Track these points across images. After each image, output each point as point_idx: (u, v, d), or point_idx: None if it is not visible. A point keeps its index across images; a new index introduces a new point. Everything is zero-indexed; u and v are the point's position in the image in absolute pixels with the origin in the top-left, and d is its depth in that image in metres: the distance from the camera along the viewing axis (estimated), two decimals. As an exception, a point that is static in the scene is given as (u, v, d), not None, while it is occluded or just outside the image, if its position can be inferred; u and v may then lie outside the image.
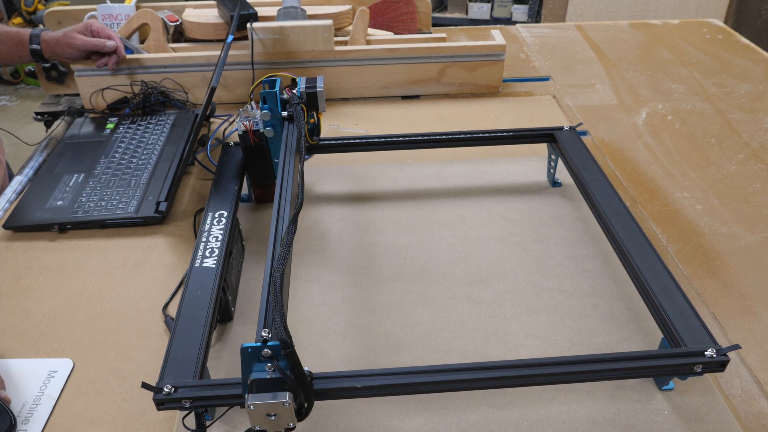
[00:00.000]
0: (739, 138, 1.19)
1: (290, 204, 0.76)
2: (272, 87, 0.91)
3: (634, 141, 1.18)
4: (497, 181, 1.07)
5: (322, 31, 1.24)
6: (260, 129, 0.90)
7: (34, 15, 3.34)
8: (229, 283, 0.80)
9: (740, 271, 0.88)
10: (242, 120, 0.90)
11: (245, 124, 0.90)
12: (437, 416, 0.69)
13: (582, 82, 1.41)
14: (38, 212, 0.97)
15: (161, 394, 0.60)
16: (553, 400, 0.70)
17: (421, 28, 1.49)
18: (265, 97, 0.89)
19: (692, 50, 1.56)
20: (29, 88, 3.49)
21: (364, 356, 0.76)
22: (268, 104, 0.90)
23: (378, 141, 1.04)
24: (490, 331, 0.79)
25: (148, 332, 0.79)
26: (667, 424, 0.67)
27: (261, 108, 0.90)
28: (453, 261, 0.90)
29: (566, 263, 0.89)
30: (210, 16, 1.35)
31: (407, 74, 1.32)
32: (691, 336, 0.67)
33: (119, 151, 1.10)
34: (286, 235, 0.65)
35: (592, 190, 0.90)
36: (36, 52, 1.19)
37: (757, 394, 0.71)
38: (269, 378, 0.57)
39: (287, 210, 0.74)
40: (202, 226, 0.85)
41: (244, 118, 0.90)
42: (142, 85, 1.24)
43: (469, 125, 1.24)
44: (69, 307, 0.83)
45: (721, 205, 1.01)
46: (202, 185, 1.07)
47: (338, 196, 1.04)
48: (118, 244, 0.93)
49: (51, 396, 0.71)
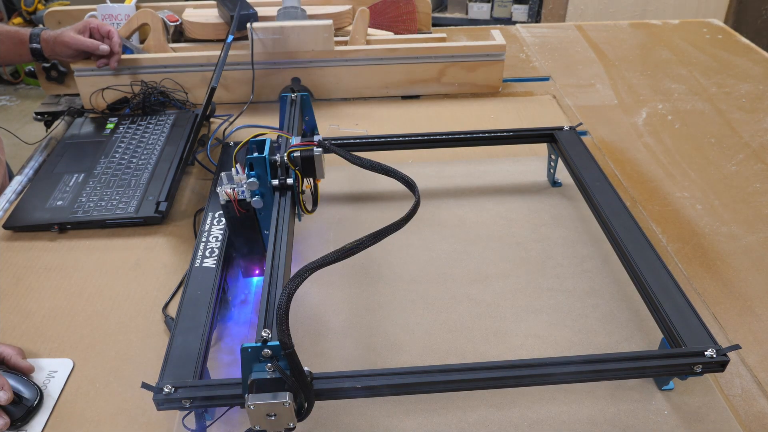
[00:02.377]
0: (739, 138, 1.19)
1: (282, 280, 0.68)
2: (260, 149, 0.78)
3: (634, 141, 1.18)
4: (497, 181, 1.07)
5: (322, 31, 1.24)
6: (246, 198, 0.77)
7: (34, 15, 3.34)
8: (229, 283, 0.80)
9: (740, 271, 0.88)
10: (224, 187, 0.76)
11: (227, 193, 0.76)
12: (437, 416, 0.69)
13: (582, 82, 1.41)
14: (38, 212, 0.97)
15: (161, 394, 0.60)
16: (553, 400, 0.70)
17: (421, 28, 1.49)
18: (252, 162, 0.76)
19: (692, 50, 1.56)
20: (29, 88, 3.49)
21: (364, 356, 0.76)
22: (256, 171, 0.77)
23: (378, 141, 1.04)
24: (490, 331, 0.79)
25: (148, 332, 0.79)
26: (667, 424, 0.67)
27: (247, 175, 0.77)
28: (453, 261, 0.90)
29: (566, 263, 0.89)
30: (210, 16, 1.35)
31: (407, 74, 1.32)
32: (691, 336, 0.67)
33: (119, 151, 1.10)
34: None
35: (592, 190, 0.90)
36: (36, 51, 1.19)
37: (757, 394, 0.71)
38: (269, 378, 0.57)
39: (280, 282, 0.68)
40: (202, 226, 0.85)
41: (227, 184, 0.77)
42: (142, 85, 1.24)
43: (469, 125, 1.24)
44: (69, 307, 0.83)
45: (721, 205, 1.01)
46: (202, 185, 1.07)
47: (338, 196, 1.04)
48: (118, 244, 0.94)
49: (51, 396, 0.71)
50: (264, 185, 0.78)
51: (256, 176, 0.77)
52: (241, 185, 0.77)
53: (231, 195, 0.76)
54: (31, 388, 0.69)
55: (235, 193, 0.76)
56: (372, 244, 0.59)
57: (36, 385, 0.70)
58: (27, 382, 0.70)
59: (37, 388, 0.70)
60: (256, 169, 0.77)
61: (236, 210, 0.77)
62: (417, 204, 0.67)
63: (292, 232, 0.77)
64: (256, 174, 0.77)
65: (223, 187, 0.76)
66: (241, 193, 0.76)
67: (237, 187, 0.76)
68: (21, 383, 0.69)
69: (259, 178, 0.77)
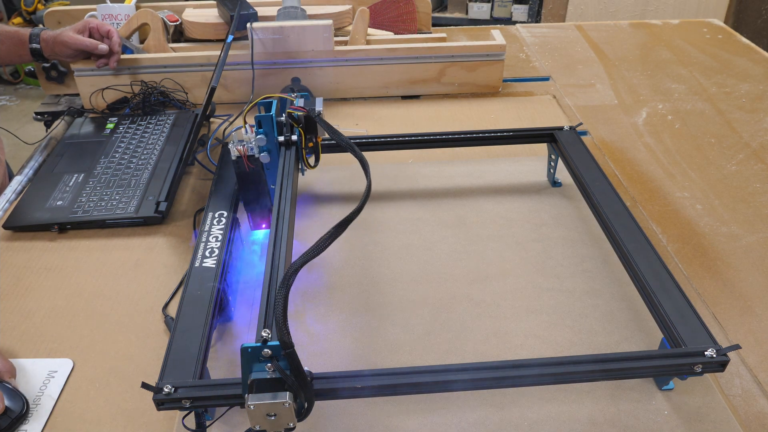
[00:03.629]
0: (739, 138, 1.19)
1: (287, 231, 0.73)
2: (268, 109, 0.86)
3: (634, 141, 1.18)
4: (497, 181, 1.07)
5: (322, 31, 1.24)
6: (255, 154, 0.85)
7: (34, 15, 3.34)
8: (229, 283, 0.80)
9: (740, 271, 0.88)
10: (236, 145, 0.85)
11: (239, 149, 0.84)
12: (437, 416, 0.69)
13: (582, 82, 1.41)
14: (38, 212, 0.97)
15: (161, 394, 0.60)
16: (553, 400, 0.70)
17: (421, 28, 1.49)
18: (261, 120, 0.84)
19: (692, 50, 1.56)
20: (29, 88, 3.49)
21: (364, 356, 0.76)
22: (264, 128, 0.85)
23: (378, 141, 1.04)
24: (490, 331, 0.79)
25: (148, 332, 0.79)
26: (667, 424, 0.67)
27: (256, 132, 0.85)
28: (453, 261, 0.90)
29: (566, 263, 0.89)
30: (210, 16, 1.35)
31: (407, 74, 1.32)
32: (691, 336, 0.67)
33: (119, 151, 1.10)
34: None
35: (592, 190, 0.90)
36: (36, 51, 1.19)
37: (757, 394, 0.71)
38: (269, 378, 0.57)
39: (285, 236, 0.72)
40: (202, 226, 0.85)
41: (237, 142, 0.85)
42: (142, 85, 1.24)
43: (469, 125, 1.24)
44: (69, 307, 0.83)
45: (721, 205, 1.01)
46: (202, 185, 1.07)
47: (338, 196, 1.04)
48: (118, 244, 0.93)
49: (51, 396, 0.71)
50: (271, 142, 0.86)
51: (264, 133, 0.85)
52: (250, 142, 0.85)
53: (241, 151, 0.84)
54: (16, 399, 0.68)
55: (245, 149, 0.84)
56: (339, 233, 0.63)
57: (22, 395, 0.69)
58: (13, 392, 0.69)
59: (22, 398, 0.69)
60: (264, 126, 0.85)
61: (246, 165, 0.85)
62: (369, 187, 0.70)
63: (296, 185, 0.83)
64: (263, 131, 0.85)
65: (235, 144, 0.84)
66: (250, 149, 0.84)
67: (246, 144, 0.84)
68: (6, 393, 0.68)
69: (267, 135, 0.85)
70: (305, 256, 0.59)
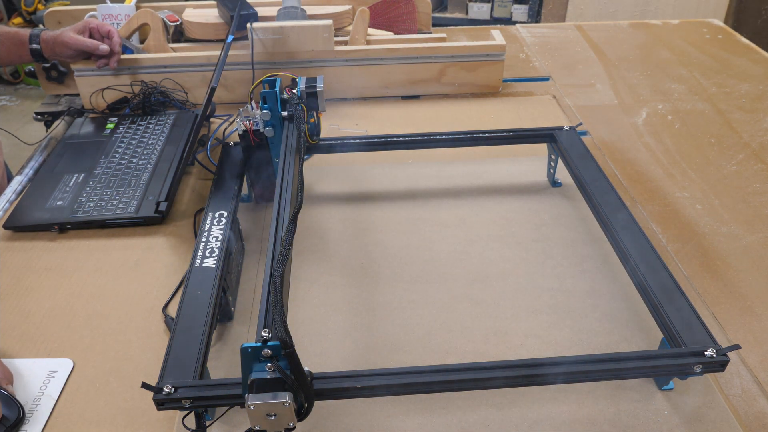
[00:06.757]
0: (739, 138, 1.19)
1: (290, 204, 0.75)
2: (272, 87, 0.91)
3: (634, 141, 1.18)
4: (497, 181, 1.07)
5: (322, 31, 1.24)
6: (260, 129, 0.90)
7: (34, 15, 3.34)
8: (229, 283, 0.80)
9: (740, 271, 0.88)
10: (242, 119, 0.90)
11: (245, 124, 0.90)
12: (437, 416, 0.69)
13: (582, 82, 1.41)
14: (38, 212, 0.97)
15: (161, 394, 0.60)
16: (553, 400, 0.70)
17: (421, 28, 1.49)
18: (265, 96, 0.89)
19: (692, 50, 1.56)
20: (29, 88, 3.49)
21: (364, 356, 0.76)
22: (268, 104, 0.90)
23: (378, 141, 1.04)
24: (490, 331, 0.79)
25: (148, 332, 0.79)
26: (667, 424, 0.67)
27: (261, 108, 0.90)
28: (453, 261, 0.90)
29: (566, 263, 0.89)
30: (210, 16, 1.35)
31: (407, 74, 1.32)
32: (691, 336, 0.67)
33: (119, 151, 1.10)
34: (285, 235, 0.65)
35: (592, 190, 0.90)
36: (36, 51, 1.19)
37: (757, 394, 0.71)
38: (269, 378, 0.57)
39: (287, 210, 0.74)
40: (202, 226, 0.85)
41: (244, 117, 0.90)
42: (142, 85, 1.24)
43: (469, 125, 1.24)
44: (69, 307, 0.83)
45: (721, 205, 1.01)
46: (202, 185, 1.07)
47: (338, 196, 1.04)
48: (118, 244, 0.93)
49: (51, 396, 0.71)
50: (275, 117, 0.90)
51: (269, 109, 0.90)
52: (256, 117, 0.90)
53: (248, 126, 0.90)
54: (12, 406, 0.68)
55: (251, 124, 0.90)
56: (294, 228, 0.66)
57: (18, 402, 0.69)
58: (8, 399, 0.68)
59: (18, 405, 0.68)
60: (269, 102, 0.90)
61: (251, 139, 0.91)
62: None
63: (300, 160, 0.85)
64: (268, 107, 0.90)
65: (241, 119, 0.90)
66: (256, 124, 0.90)
67: (252, 119, 0.90)
68: (2, 400, 0.67)
69: (271, 110, 0.90)
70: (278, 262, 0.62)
